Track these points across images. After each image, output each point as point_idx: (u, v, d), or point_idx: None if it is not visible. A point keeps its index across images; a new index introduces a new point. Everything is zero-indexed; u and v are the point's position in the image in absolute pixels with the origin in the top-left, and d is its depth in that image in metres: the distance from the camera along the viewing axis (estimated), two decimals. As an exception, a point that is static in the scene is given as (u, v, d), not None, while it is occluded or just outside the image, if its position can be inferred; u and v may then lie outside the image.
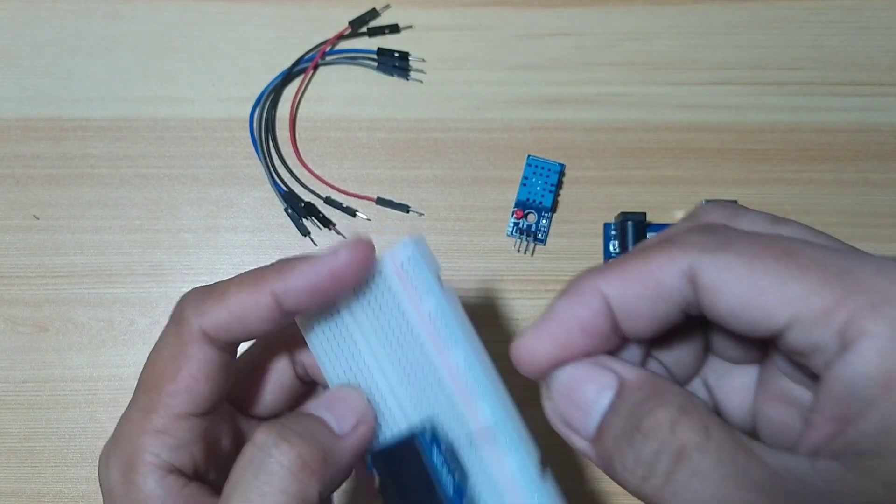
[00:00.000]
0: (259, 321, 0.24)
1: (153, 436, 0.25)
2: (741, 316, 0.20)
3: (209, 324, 0.25)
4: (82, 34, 0.46)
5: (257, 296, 0.24)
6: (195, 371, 0.25)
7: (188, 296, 0.26)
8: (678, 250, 0.21)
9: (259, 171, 0.44)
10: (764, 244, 0.20)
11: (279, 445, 0.23)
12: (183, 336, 0.25)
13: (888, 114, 0.45)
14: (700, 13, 0.46)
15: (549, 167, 0.44)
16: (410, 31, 0.46)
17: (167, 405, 0.25)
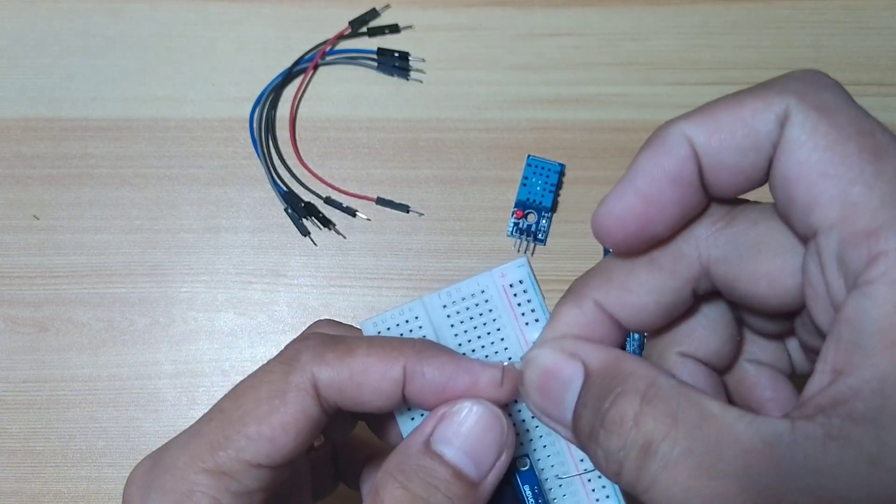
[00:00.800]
0: (377, 395, 0.22)
1: (215, 476, 0.22)
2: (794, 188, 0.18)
3: (325, 377, 0.22)
4: (82, 34, 0.46)
5: (388, 366, 0.22)
6: (288, 423, 0.22)
7: (310, 341, 0.23)
8: (776, 94, 0.18)
9: (259, 171, 0.44)
10: (861, 129, 0.17)
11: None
12: (290, 379, 0.22)
13: (888, 114, 0.45)
14: (700, 13, 0.46)
15: (549, 167, 0.44)
16: (410, 31, 0.46)
17: (241, 448, 0.22)
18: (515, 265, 0.23)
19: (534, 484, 0.22)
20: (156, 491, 0.22)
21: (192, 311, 0.43)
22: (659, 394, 0.18)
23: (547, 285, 0.43)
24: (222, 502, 0.21)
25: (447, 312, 0.23)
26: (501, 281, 0.23)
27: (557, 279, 0.43)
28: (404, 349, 0.22)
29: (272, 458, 0.22)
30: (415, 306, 0.23)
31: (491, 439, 0.21)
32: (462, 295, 0.23)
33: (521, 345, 0.23)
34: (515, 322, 0.23)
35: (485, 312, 0.23)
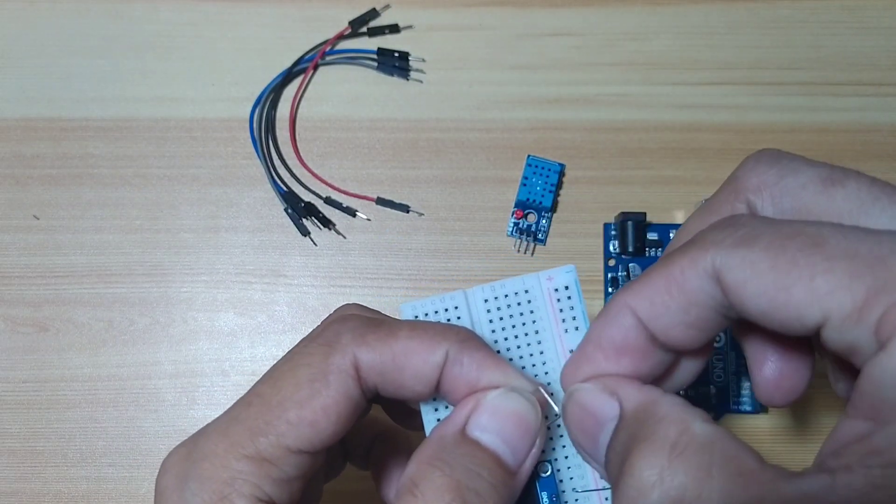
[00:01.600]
0: (417, 379, 0.21)
1: (257, 462, 0.21)
2: (772, 315, 0.18)
3: (367, 359, 0.21)
4: (82, 34, 0.46)
5: (431, 351, 0.21)
6: (330, 406, 0.21)
7: (349, 319, 0.22)
8: (699, 250, 0.19)
9: (259, 171, 0.44)
10: (789, 234, 0.18)
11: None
12: (332, 361, 0.21)
13: (888, 114, 0.45)
14: (700, 13, 0.46)
15: (549, 167, 0.44)
16: (410, 31, 0.46)
17: (282, 434, 0.21)
18: (564, 270, 0.23)
19: (552, 492, 0.22)
20: (194, 480, 0.21)
21: (192, 311, 0.43)
22: (692, 444, 0.18)
23: (547, 285, 0.43)
24: (264, 489, 0.21)
25: (487, 307, 0.23)
26: (548, 284, 0.23)
27: (557, 279, 0.43)
28: (448, 335, 0.21)
29: (313, 443, 0.21)
30: (456, 296, 0.23)
31: (526, 427, 0.21)
32: (505, 292, 0.23)
33: (557, 351, 0.23)
34: (556, 327, 0.23)
35: (525, 313, 0.23)
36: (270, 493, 0.21)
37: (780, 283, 0.18)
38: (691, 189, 0.44)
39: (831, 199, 0.19)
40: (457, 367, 0.21)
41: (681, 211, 0.44)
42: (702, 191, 0.44)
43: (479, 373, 0.21)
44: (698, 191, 0.44)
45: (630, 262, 0.42)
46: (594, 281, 0.43)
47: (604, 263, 0.43)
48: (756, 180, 0.21)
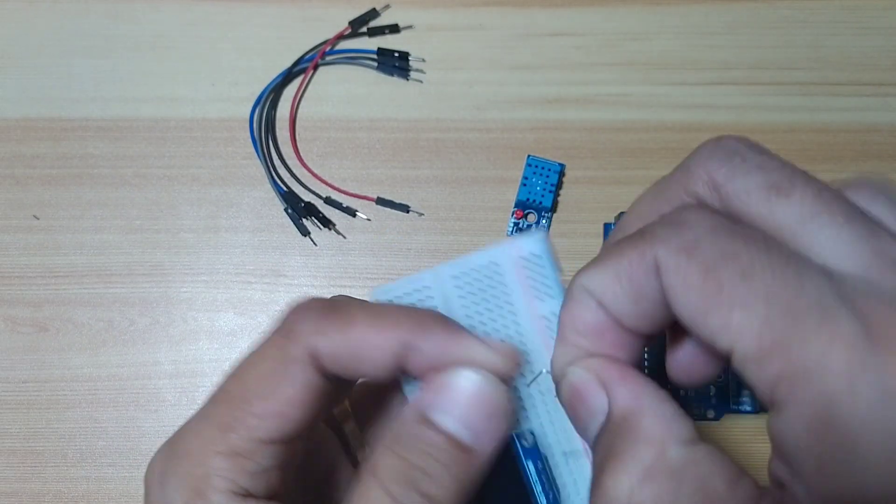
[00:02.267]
0: (375, 366, 0.21)
1: (230, 458, 0.21)
2: (692, 327, 0.18)
3: (325, 348, 0.21)
4: (82, 34, 0.46)
5: (386, 339, 0.21)
6: (293, 395, 0.21)
7: (304, 308, 0.22)
8: (646, 244, 0.19)
9: (259, 171, 0.44)
10: (725, 254, 0.18)
11: (412, 496, 0.19)
12: (289, 352, 0.22)
13: (888, 114, 0.45)
14: (700, 13, 0.46)
15: (549, 167, 0.44)
16: (410, 31, 0.46)
17: (251, 427, 0.21)
18: (533, 239, 0.22)
19: (537, 459, 0.22)
20: (173, 477, 0.21)
21: (192, 311, 0.43)
22: (664, 469, 0.18)
23: (547, 285, 0.43)
24: (239, 483, 0.21)
25: (457, 283, 0.22)
26: (516, 254, 0.22)
27: (557, 279, 0.43)
28: (403, 321, 0.21)
29: (283, 433, 0.21)
30: (425, 276, 0.23)
31: (488, 408, 0.21)
32: (473, 266, 0.22)
33: (530, 317, 0.22)
34: (527, 296, 0.22)
35: (496, 285, 0.22)
36: (246, 485, 0.21)
37: (703, 304, 0.18)
38: (691, 189, 0.44)
39: (772, 211, 0.19)
40: (416, 352, 0.21)
41: (681, 211, 0.44)
42: (702, 191, 0.44)
43: (442, 353, 0.21)
44: (698, 191, 0.44)
45: (630, 262, 0.42)
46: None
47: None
48: (706, 176, 0.20)
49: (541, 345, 0.22)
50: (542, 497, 0.22)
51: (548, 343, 0.22)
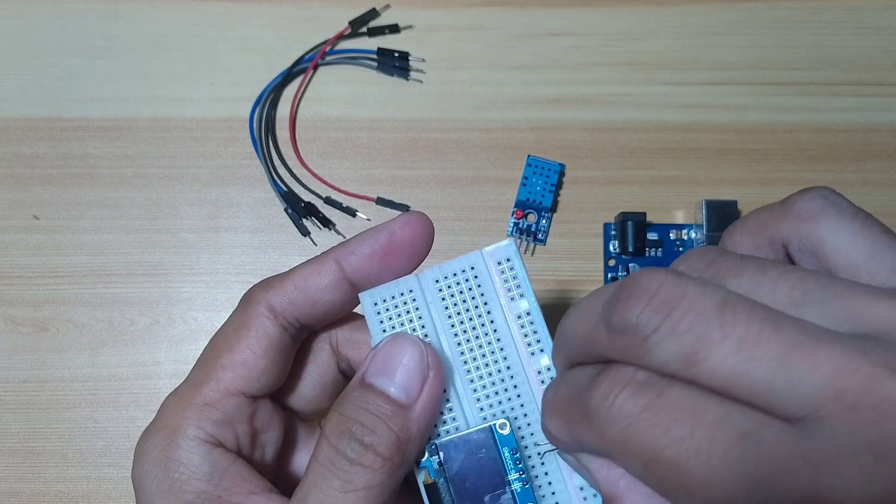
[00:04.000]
0: (324, 290, 0.25)
1: (199, 408, 0.24)
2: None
3: (274, 297, 0.25)
4: (82, 34, 0.46)
5: (320, 264, 0.25)
6: (254, 344, 0.24)
7: (258, 282, 0.26)
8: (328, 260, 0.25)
9: (259, 171, 0.44)
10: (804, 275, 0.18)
11: (351, 444, 0.22)
12: (248, 311, 0.25)
13: (888, 114, 0.45)
14: (700, 13, 0.46)
15: (549, 167, 0.44)
16: (410, 31, 0.46)
17: (219, 378, 0.24)
18: (503, 245, 0.25)
19: (513, 447, 0.23)
20: (151, 432, 0.24)
21: (192, 311, 0.43)
22: None
23: (547, 285, 0.43)
24: (206, 430, 0.24)
25: (439, 287, 0.25)
26: (490, 259, 0.25)
27: (557, 279, 0.43)
28: (331, 249, 0.25)
29: (248, 381, 0.24)
30: (410, 280, 0.25)
31: (413, 365, 0.23)
32: (453, 271, 0.25)
33: (505, 318, 0.24)
34: (502, 297, 0.25)
35: (473, 287, 0.25)
36: (213, 433, 0.24)
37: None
38: (691, 189, 0.44)
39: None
40: (352, 259, 0.25)
41: (681, 211, 0.44)
42: (701, 191, 0.44)
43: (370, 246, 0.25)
44: (698, 191, 0.44)
45: (630, 262, 0.42)
46: (594, 281, 0.43)
47: (604, 263, 0.43)
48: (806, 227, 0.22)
49: (515, 342, 0.24)
50: (516, 483, 0.23)
51: (521, 340, 0.24)
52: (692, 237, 0.43)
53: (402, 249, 0.25)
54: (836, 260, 0.20)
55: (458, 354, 0.24)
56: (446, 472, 0.23)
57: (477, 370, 0.24)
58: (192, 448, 0.23)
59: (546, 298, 0.43)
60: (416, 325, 0.25)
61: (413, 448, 0.22)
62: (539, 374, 0.24)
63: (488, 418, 0.24)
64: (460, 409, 0.24)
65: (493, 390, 0.24)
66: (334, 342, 0.28)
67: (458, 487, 0.23)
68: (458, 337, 0.25)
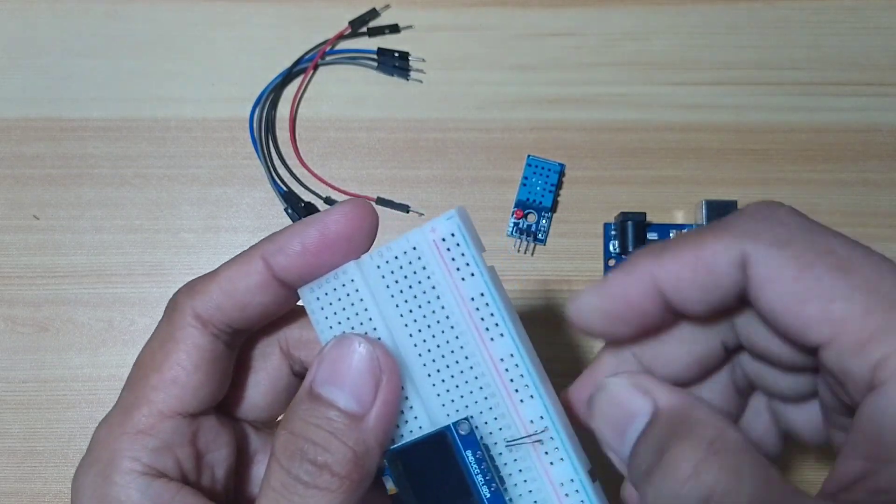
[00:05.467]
0: (252, 292, 0.22)
1: (132, 437, 0.21)
2: (782, 319, 0.19)
3: (200, 304, 0.22)
4: (82, 34, 0.46)
5: (247, 264, 0.23)
6: (183, 359, 0.22)
7: (181, 286, 0.24)
8: (732, 237, 0.20)
9: (259, 171, 0.44)
10: (822, 251, 0.19)
11: (304, 466, 0.20)
12: (173, 322, 0.23)
13: (888, 114, 0.45)
14: (700, 13, 0.46)
15: (549, 167, 0.44)
16: (410, 31, 0.46)
17: (150, 401, 0.22)
18: (445, 217, 0.22)
19: (476, 449, 0.21)
20: (84, 467, 0.22)
21: (192, 311, 0.43)
22: (726, 446, 0.18)
23: (547, 285, 0.43)
24: (143, 461, 0.21)
25: (381, 273, 0.22)
26: (432, 236, 0.22)
27: (557, 279, 0.43)
28: (256, 245, 0.23)
29: (183, 401, 0.22)
30: (349, 269, 0.22)
31: (363, 370, 0.21)
32: (394, 254, 0.22)
33: (457, 302, 0.22)
34: (450, 278, 0.22)
35: (419, 271, 0.22)
36: (151, 462, 0.21)
37: (800, 294, 0.19)
38: (691, 189, 0.44)
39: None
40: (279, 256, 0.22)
41: (681, 211, 0.44)
42: (701, 191, 0.44)
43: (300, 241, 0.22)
44: (698, 191, 0.44)
45: (630, 262, 0.42)
46: (594, 281, 0.43)
47: (604, 263, 0.43)
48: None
49: (471, 328, 0.22)
50: (483, 488, 0.21)
51: (477, 326, 0.22)
52: (692, 237, 0.43)
53: (337, 245, 0.22)
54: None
55: (411, 348, 0.22)
56: (409, 480, 0.21)
57: (433, 363, 0.22)
58: (129, 483, 0.21)
59: (546, 298, 0.43)
60: (364, 319, 0.22)
61: (373, 459, 0.21)
62: (502, 361, 0.22)
63: (452, 415, 0.22)
64: (422, 408, 0.22)
65: (453, 384, 0.22)
66: (284, 344, 0.25)
67: (422, 497, 0.21)
68: (408, 328, 0.22)
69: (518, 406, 0.22)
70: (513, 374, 0.22)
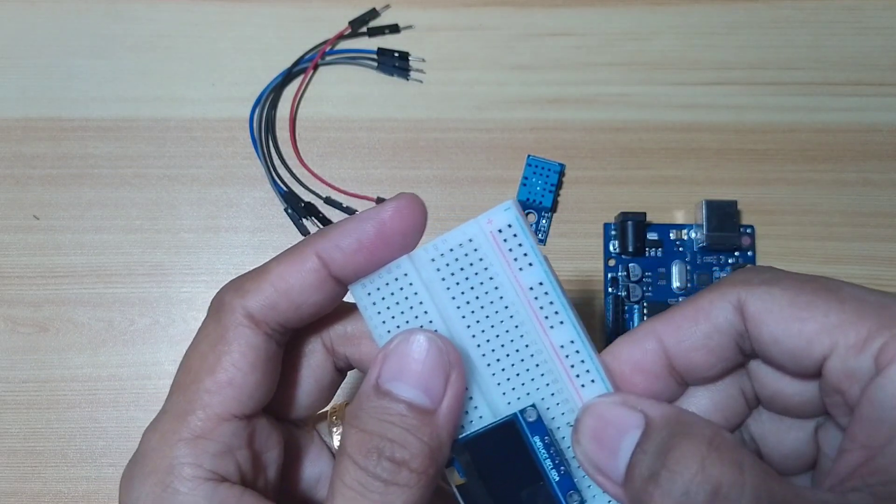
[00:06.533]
0: (307, 290, 0.22)
1: (191, 443, 0.21)
2: (784, 344, 0.20)
3: (253, 304, 0.22)
4: (82, 34, 0.46)
5: (301, 261, 0.22)
6: (238, 360, 0.21)
7: (227, 283, 0.23)
8: (727, 286, 0.22)
9: (259, 171, 0.44)
10: (807, 280, 0.21)
11: (382, 464, 0.20)
12: (223, 322, 0.22)
13: (888, 114, 0.45)
14: (700, 13, 0.46)
15: (549, 167, 0.44)
16: (410, 31, 0.46)
17: (207, 405, 0.21)
18: (502, 209, 0.22)
19: (544, 434, 0.21)
20: (137, 478, 0.21)
21: (192, 311, 0.43)
22: (724, 443, 0.19)
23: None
24: (205, 467, 0.21)
25: (436, 266, 0.22)
26: (489, 227, 0.22)
27: (557, 279, 0.43)
28: (308, 240, 0.22)
29: (240, 402, 0.22)
30: (402, 263, 0.22)
31: (433, 364, 0.21)
32: (449, 246, 0.22)
33: (516, 292, 0.22)
34: (508, 269, 0.22)
35: (475, 262, 0.22)
36: (213, 467, 0.21)
37: (795, 315, 0.20)
38: (691, 189, 0.44)
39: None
40: (335, 252, 0.22)
41: (681, 211, 0.44)
42: (701, 191, 0.44)
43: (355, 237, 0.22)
44: (698, 191, 0.44)
45: (630, 262, 0.42)
46: (594, 281, 0.43)
47: (604, 263, 0.43)
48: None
49: (531, 317, 0.22)
50: (552, 472, 0.21)
51: (538, 315, 0.22)
52: (692, 237, 0.43)
53: (393, 240, 0.22)
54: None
55: (469, 339, 0.22)
56: (477, 470, 0.21)
57: (493, 353, 0.22)
58: (193, 490, 0.20)
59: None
60: (419, 313, 0.22)
61: (445, 453, 0.21)
62: (562, 348, 0.22)
63: (513, 403, 0.22)
64: (482, 398, 0.22)
65: (514, 373, 0.22)
66: (328, 342, 0.25)
67: (491, 485, 0.21)
68: (465, 319, 0.22)
69: (580, 390, 0.22)
70: (573, 359, 0.22)
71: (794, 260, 0.43)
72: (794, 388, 0.22)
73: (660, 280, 0.42)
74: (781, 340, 0.20)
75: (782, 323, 0.20)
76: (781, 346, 0.21)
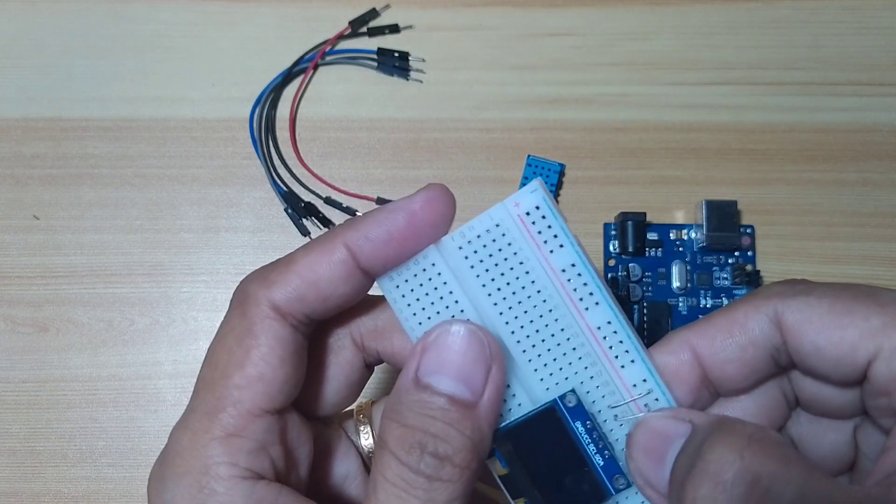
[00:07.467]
0: (336, 282, 0.21)
1: (224, 441, 0.20)
2: (826, 352, 0.20)
3: (279, 295, 0.21)
4: (82, 34, 0.46)
5: (329, 252, 0.21)
6: (267, 354, 0.21)
7: (248, 275, 0.22)
8: (762, 298, 0.22)
9: (259, 171, 0.44)
10: (843, 287, 0.21)
11: (425, 459, 0.19)
12: (249, 315, 0.21)
13: (888, 114, 0.45)
14: (700, 13, 0.46)
15: (549, 167, 0.44)
16: (410, 31, 0.46)
17: (238, 401, 0.21)
18: (528, 191, 0.21)
19: (585, 419, 0.21)
20: (170, 479, 0.20)
21: (192, 311, 0.43)
22: (768, 438, 0.19)
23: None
24: (241, 465, 0.20)
25: (464, 254, 0.22)
26: (516, 211, 0.21)
27: (557, 279, 0.43)
28: (336, 230, 0.22)
29: (271, 397, 0.21)
30: (429, 253, 0.22)
31: (474, 356, 0.20)
32: (477, 233, 0.22)
33: (548, 275, 0.21)
34: (539, 252, 0.22)
35: (504, 248, 0.21)
36: (249, 465, 0.20)
37: (836, 322, 0.20)
38: (691, 189, 0.44)
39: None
40: (364, 243, 0.21)
41: (681, 211, 0.44)
42: (701, 191, 0.44)
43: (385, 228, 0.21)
44: (698, 191, 0.44)
45: (630, 262, 0.42)
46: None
47: (604, 263, 0.43)
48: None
49: (565, 300, 0.22)
50: (596, 457, 0.21)
51: (572, 297, 0.22)
52: (692, 237, 0.43)
53: (423, 231, 0.21)
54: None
55: (502, 326, 0.22)
56: (519, 459, 0.21)
57: (528, 340, 0.22)
58: (231, 489, 0.20)
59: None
60: (450, 303, 0.22)
61: (487, 445, 0.21)
62: (599, 329, 0.21)
63: (552, 389, 0.22)
64: (519, 386, 0.22)
65: (550, 357, 0.22)
66: (357, 337, 0.24)
67: (535, 473, 0.21)
68: (497, 307, 0.22)
69: (620, 372, 0.22)
70: (611, 340, 0.22)
71: (794, 260, 0.43)
72: (833, 391, 0.22)
73: (660, 280, 0.42)
74: (823, 349, 0.20)
75: (823, 331, 0.20)
76: (824, 355, 0.21)
